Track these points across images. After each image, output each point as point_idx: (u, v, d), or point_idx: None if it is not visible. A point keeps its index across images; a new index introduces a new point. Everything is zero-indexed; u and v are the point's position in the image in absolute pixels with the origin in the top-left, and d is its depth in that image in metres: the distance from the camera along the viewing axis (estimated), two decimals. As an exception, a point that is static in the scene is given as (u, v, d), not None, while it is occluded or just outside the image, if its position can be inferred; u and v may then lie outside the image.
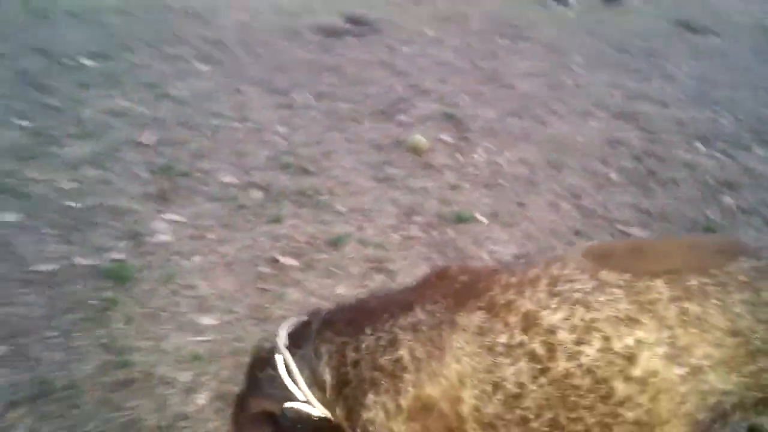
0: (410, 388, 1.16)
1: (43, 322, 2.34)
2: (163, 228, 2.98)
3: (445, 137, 4.22)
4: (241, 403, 1.41)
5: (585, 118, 4.71)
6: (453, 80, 5.42)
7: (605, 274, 1.09)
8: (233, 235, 2.98)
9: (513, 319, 1.09)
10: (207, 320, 2.42)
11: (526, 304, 1.10)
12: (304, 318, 1.44)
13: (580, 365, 1.03)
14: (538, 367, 1.05)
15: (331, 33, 6.78)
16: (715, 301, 1.06)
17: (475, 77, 5.57)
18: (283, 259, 2.82)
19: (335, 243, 2.97)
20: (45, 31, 5.63)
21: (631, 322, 1.04)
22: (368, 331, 1.25)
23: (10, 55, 4.96)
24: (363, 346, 1.24)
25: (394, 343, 1.20)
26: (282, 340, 1.35)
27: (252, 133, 4.09)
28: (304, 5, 7.65)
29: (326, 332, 1.32)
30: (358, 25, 7.22)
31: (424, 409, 1.16)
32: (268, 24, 6.75)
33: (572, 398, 1.03)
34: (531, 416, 1.07)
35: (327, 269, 2.80)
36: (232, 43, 5.93)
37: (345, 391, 1.26)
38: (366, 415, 1.21)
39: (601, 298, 1.06)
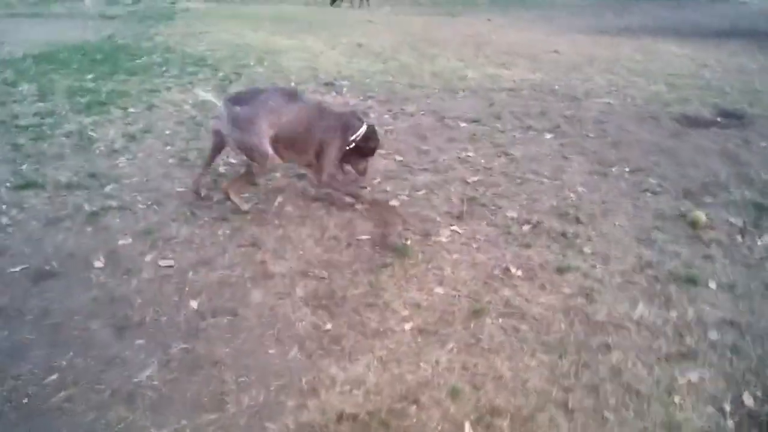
0: None
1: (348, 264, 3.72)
2: (446, 234, 4.13)
3: (734, 220, 4.34)
4: None
5: None
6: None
7: None
8: (489, 248, 3.93)
9: None
10: (438, 291, 3.45)
11: None
12: None
13: None
14: None
15: (693, 123, 7.03)
16: None
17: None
18: (513, 270, 3.65)
19: (561, 270, 3.64)
20: (445, 100, 7.51)
21: None
22: None
23: (414, 114, 6.89)
24: None
25: None
26: None
27: (554, 188, 4.93)
28: (681, 96, 8.03)
29: None
30: (729, 118, 7.26)
31: None
32: (633, 109, 7.41)
33: None
34: None
35: (542, 285, 3.52)
36: (586, 120, 6.82)
37: None
38: None
39: None
